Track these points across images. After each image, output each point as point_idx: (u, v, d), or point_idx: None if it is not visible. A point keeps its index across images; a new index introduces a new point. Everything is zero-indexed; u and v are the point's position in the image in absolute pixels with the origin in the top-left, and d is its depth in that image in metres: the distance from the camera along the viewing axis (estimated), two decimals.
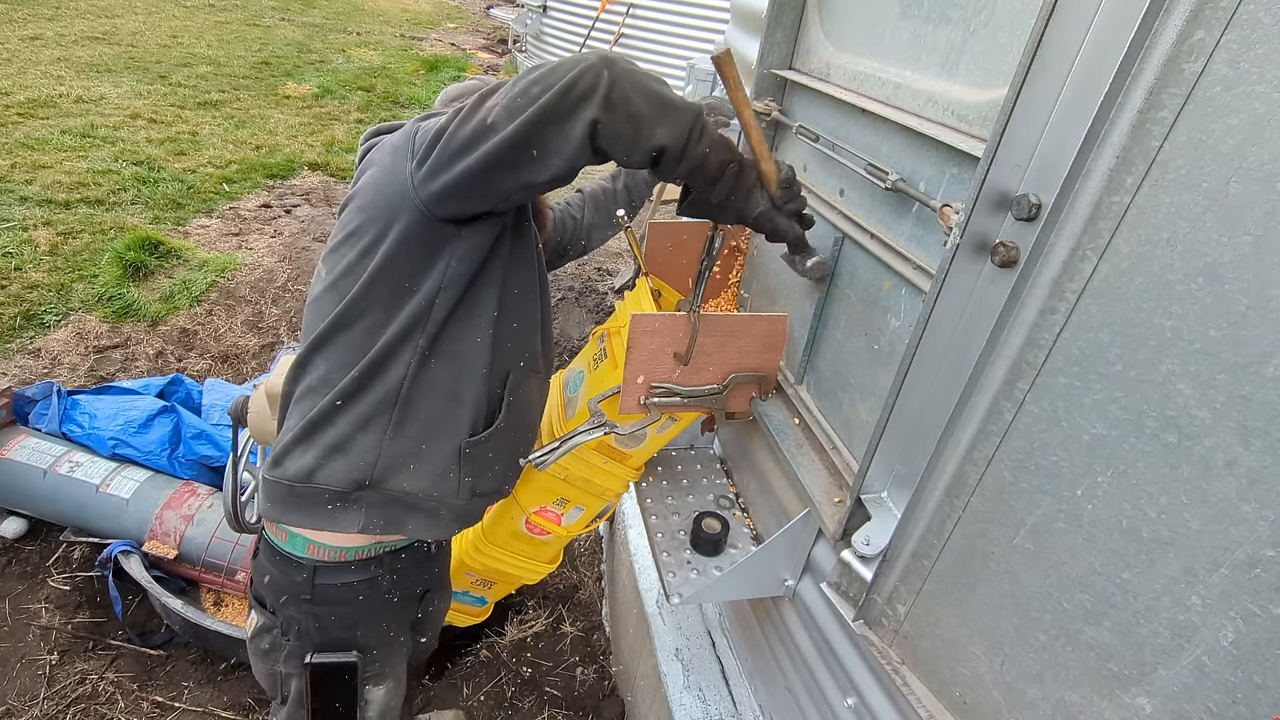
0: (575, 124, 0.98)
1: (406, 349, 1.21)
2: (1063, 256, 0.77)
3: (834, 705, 1.31)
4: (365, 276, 1.18)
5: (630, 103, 0.99)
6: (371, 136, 1.35)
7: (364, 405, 1.22)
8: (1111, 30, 0.70)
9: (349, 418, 1.22)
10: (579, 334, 4.17)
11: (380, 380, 1.22)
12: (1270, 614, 0.61)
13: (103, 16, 9.94)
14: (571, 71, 0.97)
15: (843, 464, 1.32)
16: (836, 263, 1.32)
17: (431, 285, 1.19)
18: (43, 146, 5.38)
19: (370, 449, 1.23)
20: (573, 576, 2.73)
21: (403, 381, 1.22)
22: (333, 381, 1.22)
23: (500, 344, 1.29)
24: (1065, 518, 0.79)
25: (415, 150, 1.13)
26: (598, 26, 8.24)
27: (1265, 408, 0.60)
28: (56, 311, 3.68)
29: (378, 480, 1.24)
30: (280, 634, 1.35)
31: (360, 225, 1.20)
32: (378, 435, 1.23)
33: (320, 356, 1.24)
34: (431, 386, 1.25)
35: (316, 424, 1.23)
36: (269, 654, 1.38)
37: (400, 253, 1.17)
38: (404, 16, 14.62)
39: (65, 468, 2.40)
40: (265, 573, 1.34)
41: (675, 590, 1.50)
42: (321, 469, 1.22)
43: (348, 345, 1.22)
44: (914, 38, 1.11)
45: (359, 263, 1.19)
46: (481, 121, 1.03)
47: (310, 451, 1.23)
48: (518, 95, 1.00)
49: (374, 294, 1.19)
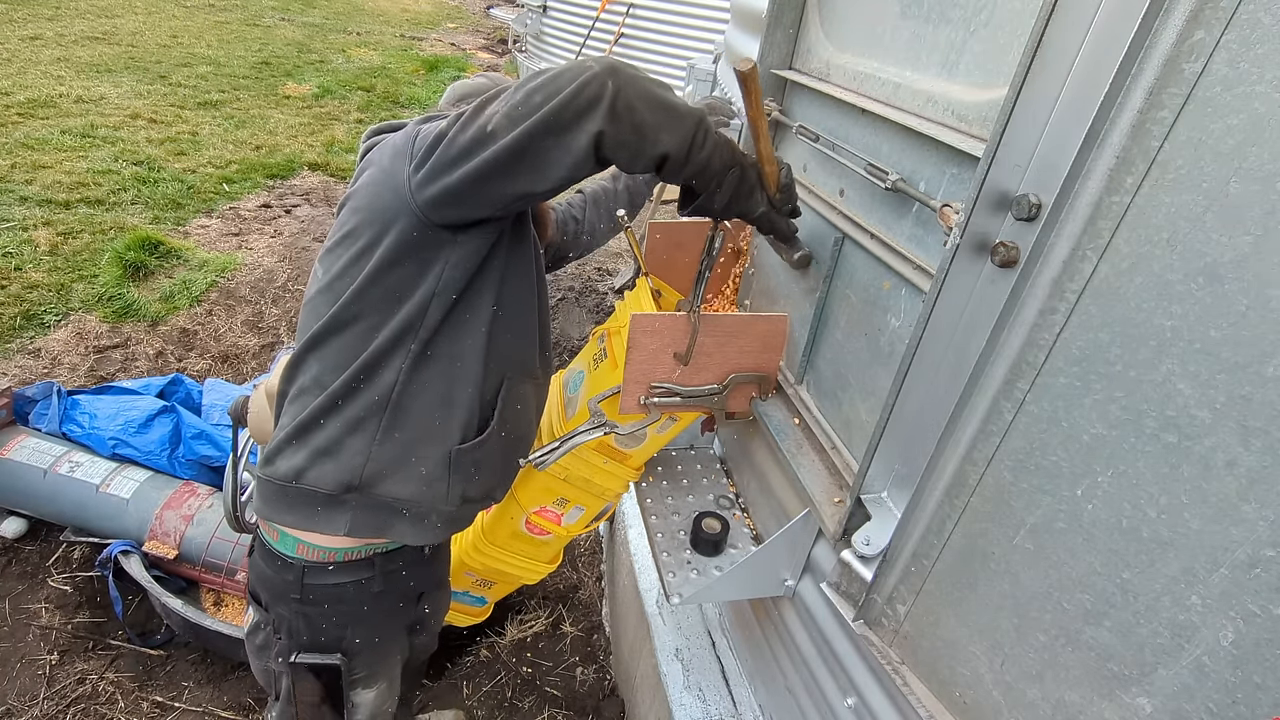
0: (578, 135, 0.98)
1: (399, 353, 1.21)
2: (1063, 256, 0.77)
3: (834, 705, 1.31)
4: (360, 279, 1.18)
5: (635, 112, 0.98)
6: (373, 135, 1.35)
7: (355, 408, 1.22)
8: (1111, 30, 0.70)
9: (339, 420, 1.22)
10: (579, 334, 4.17)
11: (372, 384, 1.21)
12: (1270, 614, 0.61)
13: (103, 16, 9.94)
14: (575, 80, 0.96)
15: (843, 464, 1.32)
16: (836, 263, 1.32)
17: (426, 290, 1.18)
18: (43, 146, 5.38)
19: (359, 452, 1.22)
20: (573, 576, 2.73)
21: (394, 386, 1.22)
22: (325, 383, 1.22)
23: (495, 351, 1.29)
24: (1065, 518, 0.79)
25: (414, 153, 1.12)
26: (598, 26, 8.24)
27: (1265, 408, 0.60)
28: (56, 311, 3.68)
29: (366, 484, 1.23)
30: (272, 631, 1.35)
31: (356, 227, 1.19)
32: (367, 439, 1.23)
33: (314, 357, 1.24)
34: (423, 392, 1.24)
35: (307, 425, 1.23)
36: (263, 650, 1.38)
37: (395, 257, 1.16)
38: (404, 16, 14.62)
39: (65, 468, 2.40)
40: (258, 570, 1.35)
41: (675, 590, 1.50)
42: (311, 470, 1.22)
43: (341, 348, 1.22)
44: (914, 38, 1.11)
45: (354, 265, 1.19)
46: (481, 128, 1.02)
47: (300, 452, 1.23)
48: (519, 103, 0.99)
49: (368, 297, 1.19)
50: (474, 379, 1.27)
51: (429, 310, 1.19)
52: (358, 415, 1.22)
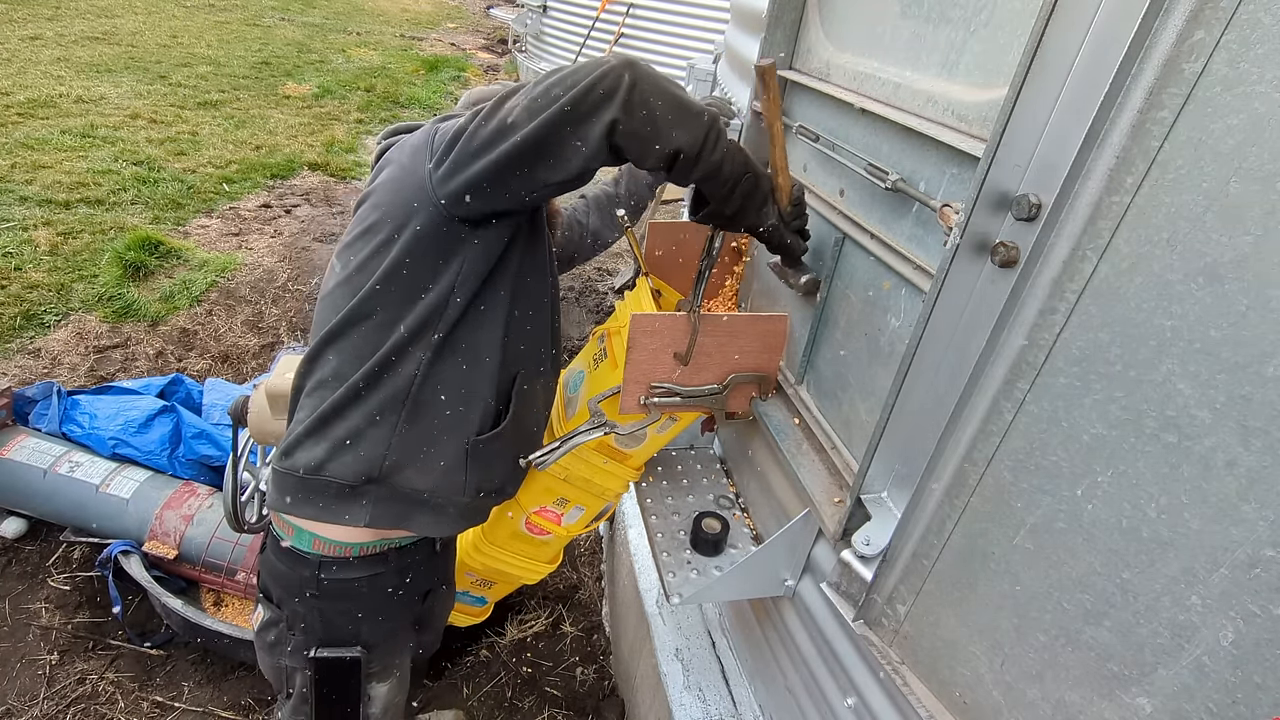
0: (595, 124, 1.00)
1: (419, 346, 1.22)
2: (1063, 256, 0.77)
3: (834, 705, 1.31)
4: (380, 273, 1.19)
5: (649, 104, 1.00)
6: (390, 135, 1.37)
7: (376, 400, 1.23)
8: (1111, 30, 0.70)
9: (361, 411, 1.23)
10: (579, 334, 4.17)
11: (393, 376, 1.23)
12: (1270, 614, 0.61)
13: (103, 16, 9.94)
14: (594, 73, 0.98)
15: (843, 464, 1.32)
16: (837, 263, 1.32)
17: (446, 284, 1.19)
18: (43, 146, 5.38)
19: (381, 443, 1.24)
20: (573, 576, 2.73)
21: (414, 378, 1.23)
22: (345, 375, 1.23)
23: (512, 344, 1.30)
24: (1065, 518, 0.79)
25: (434, 149, 1.14)
26: (598, 26, 8.23)
27: (1265, 408, 0.60)
28: (56, 311, 3.68)
29: (386, 475, 1.25)
30: (286, 628, 1.36)
31: (376, 221, 1.21)
32: (388, 430, 1.24)
33: (332, 350, 1.25)
34: (443, 384, 1.25)
35: (328, 417, 1.24)
36: (274, 648, 1.38)
37: (415, 251, 1.18)
38: (404, 16, 14.62)
39: (65, 468, 2.40)
40: (271, 567, 1.35)
41: (675, 590, 1.50)
42: (332, 461, 1.23)
43: (360, 340, 1.23)
44: (914, 38, 1.11)
45: (373, 258, 1.20)
46: (502, 121, 1.04)
47: (321, 444, 1.24)
48: (539, 95, 1.01)
49: (388, 290, 1.20)
50: (491, 372, 1.29)
51: (449, 304, 1.20)
52: (379, 407, 1.23)
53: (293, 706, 1.40)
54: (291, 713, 1.41)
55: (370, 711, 1.42)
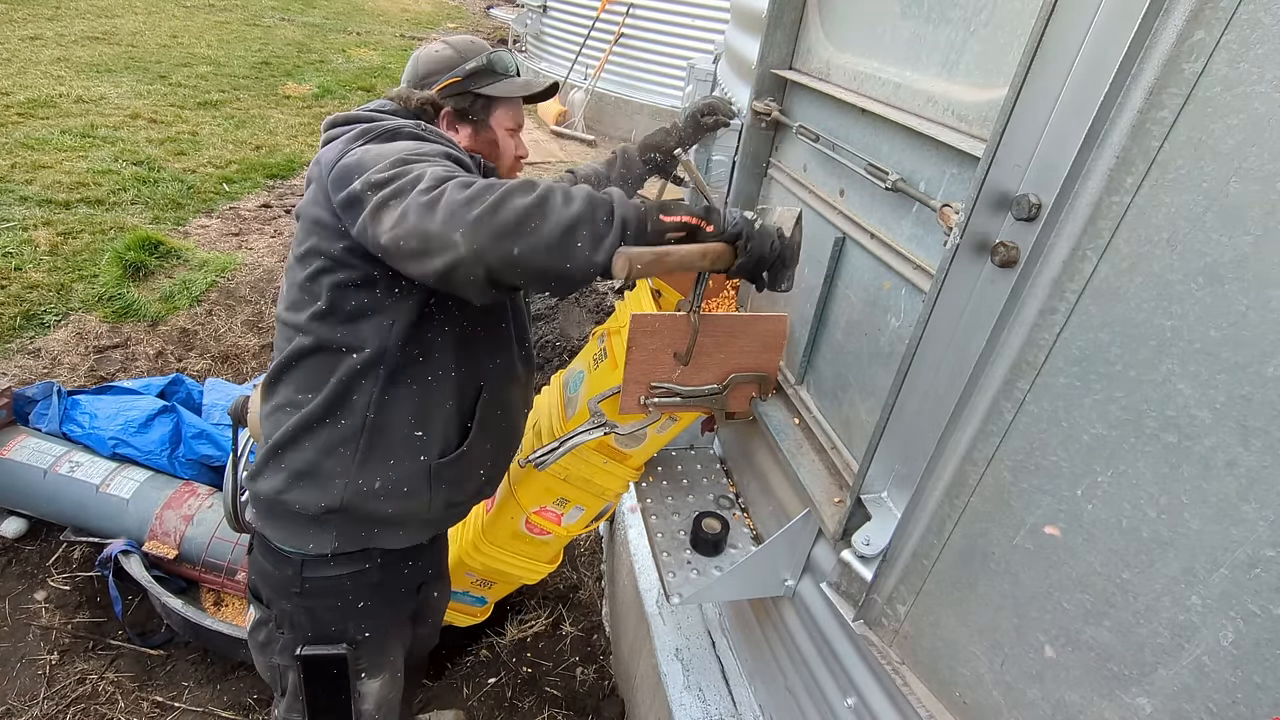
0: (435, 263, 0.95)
1: (369, 377, 1.21)
2: (1063, 256, 0.77)
3: (834, 705, 1.31)
4: (319, 304, 1.17)
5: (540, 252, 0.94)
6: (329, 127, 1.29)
7: (329, 432, 1.22)
8: (1111, 30, 0.70)
9: (315, 443, 1.22)
10: (579, 334, 4.17)
11: (344, 408, 1.22)
12: (1270, 614, 0.61)
13: (103, 16, 9.94)
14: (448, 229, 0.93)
15: (843, 464, 1.32)
16: (837, 263, 1.32)
17: (387, 315, 1.18)
18: (43, 146, 5.37)
19: (339, 475, 1.23)
20: (573, 576, 2.73)
21: (368, 409, 1.22)
22: (298, 404, 1.23)
23: (467, 363, 1.29)
24: (1065, 518, 0.79)
25: (343, 202, 1.08)
26: (598, 27, 8.23)
27: (1265, 408, 0.60)
28: (56, 311, 3.68)
29: (347, 505, 1.24)
30: (275, 627, 1.36)
31: (308, 250, 1.18)
32: (346, 463, 1.23)
33: (285, 381, 1.25)
34: (398, 412, 1.24)
35: (283, 445, 1.23)
36: (266, 647, 1.39)
37: (349, 283, 1.16)
38: (404, 16, 14.62)
39: (65, 468, 2.40)
40: (259, 567, 1.36)
41: (675, 590, 1.50)
42: (291, 491, 1.23)
43: (309, 370, 1.22)
44: (914, 38, 1.11)
45: (312, 286, 1.19)
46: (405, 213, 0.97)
47: (279, 474, 1.24)
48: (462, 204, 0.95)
49: (328, 323, 1.19)
50: (450, 393, 1.28)
51: (392, 332, 1.19)
52: (333, 439, 1.22)
53: (287, 704, 1.40)
54: (286, 710, 1.41)
55: (363, 708, 1.42)
